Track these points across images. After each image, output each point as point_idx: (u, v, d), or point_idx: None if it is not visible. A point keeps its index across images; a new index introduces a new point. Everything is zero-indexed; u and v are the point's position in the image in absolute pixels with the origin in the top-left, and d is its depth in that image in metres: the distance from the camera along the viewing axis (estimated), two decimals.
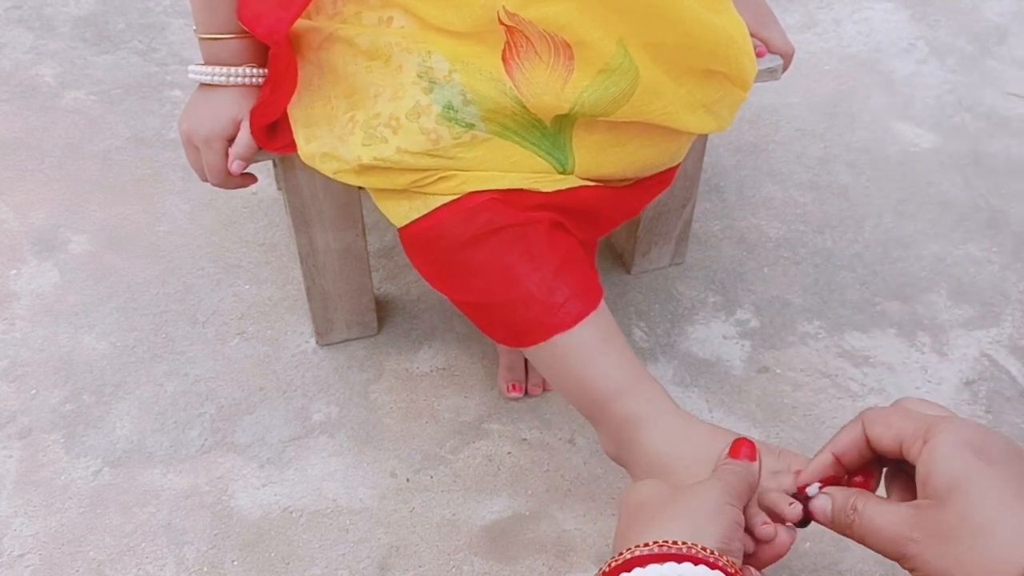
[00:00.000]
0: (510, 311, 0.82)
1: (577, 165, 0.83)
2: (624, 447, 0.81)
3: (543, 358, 0.84)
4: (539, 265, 0.81)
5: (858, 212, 1.28)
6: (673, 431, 0.79)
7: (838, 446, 0.62)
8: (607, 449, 0.84)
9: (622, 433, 0.81)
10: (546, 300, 0.81)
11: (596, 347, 0.81)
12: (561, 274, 0.82)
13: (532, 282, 0.81)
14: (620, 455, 0.83)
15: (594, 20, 0.75)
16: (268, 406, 1.04)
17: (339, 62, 0.83)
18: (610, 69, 0.77)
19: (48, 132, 1.38)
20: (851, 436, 0.62)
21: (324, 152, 0.84)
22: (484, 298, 0.83)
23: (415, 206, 0.84)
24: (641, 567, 0.58)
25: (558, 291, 0.81)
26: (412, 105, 0.79)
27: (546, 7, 0.74)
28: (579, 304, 0.81)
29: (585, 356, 0.81)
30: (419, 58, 0.79)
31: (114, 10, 1.63)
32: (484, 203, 0.82)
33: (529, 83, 0.78)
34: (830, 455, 0.63)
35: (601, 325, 0.82)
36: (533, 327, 0.82)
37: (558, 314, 0.81)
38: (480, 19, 0.76)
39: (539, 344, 0.82)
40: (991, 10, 1.67)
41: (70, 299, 1.15)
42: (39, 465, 0.98)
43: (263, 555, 0.91)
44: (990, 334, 1.12)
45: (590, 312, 0.82)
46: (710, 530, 0.61)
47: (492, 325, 0.86)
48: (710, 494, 0.64)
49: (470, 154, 0.81)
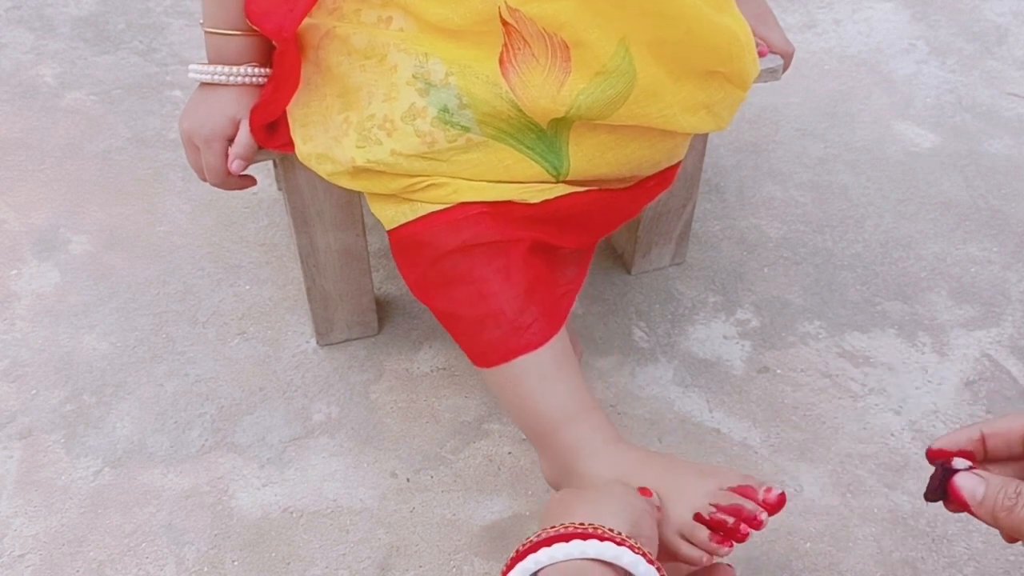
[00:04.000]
0: (479, 326, 0.82)
1: (572, 168, 0.83)
2: (564, 474, 0.82)
3: (499, 380, 0.84)
4: (513, 284, 0.82)
5: (858, 212, 1.28)
6: (609, 460, 0.79)
7: (991, 427, 0.59)
8: (546, 473, 0.85)
9: (563, 460, 0.81)
10: (514, 320, 0.81)
11: (552, 372, 0.82)
12: (532, 295, 0.82)
13: (504, 299, 0.81)
14: (560, 482, 0.83)
15: (595, 19, 0.75)
16: (268, 406, 1.04)
17: (333, 60, 0.83)
18: (607, 71, 0.77)
19: (48, 132, 1.39)
20: (1012, 424, 0.58)
21: (320, 153, 0.84)
22: (457, 308, 0.84)
23: (403, 211, 0.84)
24: (547, 547, 0.61)
25: (527, 312, 0.82)
26: (407, 107, 0.79)
27: (548, 4, 0.74)
28: (545, 325, 0.82)
29: (541, 380, 0.82)
30: (415, 60, 0.79)
31: (114, 10, 1.63)
32: (472, 216, 0.82)
33: (525, 86, 0.78)
34: (979, 431, 0.59)
35: (559, 349, 0.83)
36: (498, 346, 0.82)
37: (524, 336, 0.81)
38: (480, 15, 0.76)
39: (500, 365, 0.83)
40: (991, 10, 1.67)
41: (70, 299, 1.15)
42: (40, 465, 0.98)
43: (263, 555, 0.91)
44: (990, 334, 1.12)
45: (553, 336, 0.82)
46: (616, 514, 0.63)
47: (461, 338, 0.86)
48: (615, 487, 0.68)
49: (464, 157, 0.81)
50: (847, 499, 0.95)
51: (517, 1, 0.74)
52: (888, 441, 1.01)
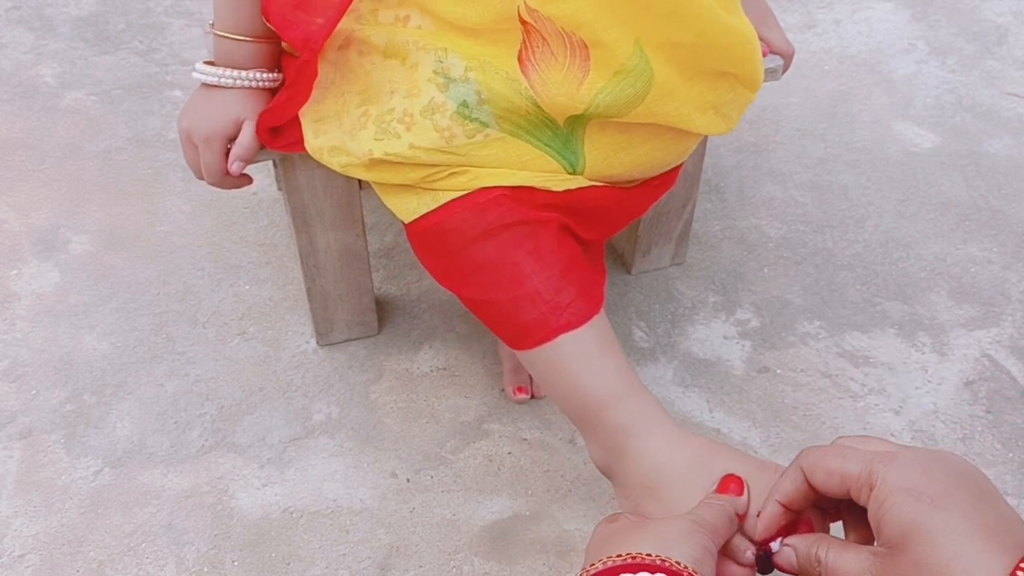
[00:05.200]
0: (515, 309, 0.81)
1: (588, 166, 0.83)
2: (615, 455, 0.80)
3: (541, 361, 0.82)
4: (547, 264, 0.81)
5: (858, 212, 1.28)
6: (667, 442, 0.77)
7: (783, 496, 0.63)
8: (595, 457, 0.83)
9: (614, 441, 0.79)
10: (552, 300, 0.80)
11: (596, 351, 0.80)
12: (568, 275, 0.81)
13: (539, 280, 0.80)
14: (609, 464, 0.82)
15: (612, 19, 0.75)
16: (268, 406, 1.04)
17: (355, 61, 0.82)
18: (625, 71, 0.77)
19: (48, 132, 1.39)
20: (794, 484, 0.62)
21: (333, 146, 0.84)
22: (490, 295, 0.83)
23: (424, 201, 0.83)
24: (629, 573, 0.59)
25: (564, 291, 0.80)
26: (427, 102, 0.79)
27: (566, 4, 0.74)
28: (584, 305, 0.81)
29: (586, 360, 0.80)
30: (435, 56, 0.79)
31: (114, 10, 1.63)
32: (495, 199, 0.81)
33: (544, 83, 0.78)
34: (778, 507, 0.63)
35: (602, 329, 0.82)
36: (537, 327, 0.81)
37: (564, 315, 0.80)
38: (498, 15, 0.76)
39: (542, 345, 0.82)
40: (991, 10, 1.67)
41: (71, 299, 1.15)
42: (40, 465, 0.98)
43: (263, 555, 0.91)
44: (990, 334, 1.12)
45: (594, 315, 0.81)
46: (681, 549, 0.61)
47: (496, 323, 0.85)
48: (681, 521, 0.65)
49: (482, 152, 0.81)
50: None
51: (536, 1, 0.74)
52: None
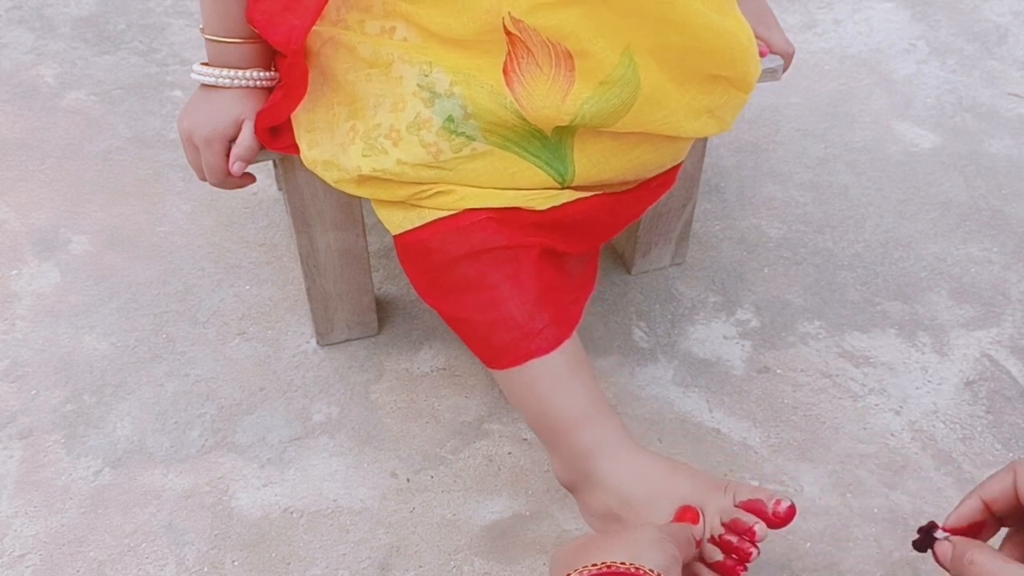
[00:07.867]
0: (490, 331, 0.83)
1: (578, 174, 0.83)
2: (580, 476, 0.82)
3: (512, 381, 0.84)
4: (524, 290, 0.82)
5: (858, 212, 1.28)
6: (632, 465, 0.80)
7: (988, 494, 0.63)
8: (559, 475, 0.85)
9: (580, 462, 0.82)
10: (526, 325, 0.82)
11: (566, 375, 0.82)
12: (542, 300, 0.83)
13: (514, 304, 0.82)
14: (574, 482, 0.84)
15: (599, 28, 0.75)
16: (269, 406, 1.04)
17: (340, 68, 0.82)
18: (611, 81, 0.77)
19: (49, 132, 1.39)
20: (1001, 486, 0.62)
21: (326, 160, 0.85)
22: (468, 314, 0.84)
23: (410, 217, 0.84)
24: None
25: (538, 317, 0.82)
26: (413, 117, 0.79)
27: (551, 14, 0.74)
28: (556, 332, 0.82)
29: (554, 383, 0.82)
30: (419, 70, 0.79)
31: (115, 10, 1.63)
32: (480, 222, 0.82)
33: (529, 96, 0.78)
34: (979, 502, 0.63)
35: (573, 353, 0.84)
36: (510, 350, 0.83)
37: (536, 340, 0.82)
38: (483, 25, 0.76)
39: (513, 367, 0.83)
40: (991, 10, 1.67)
41: (71, 299, 1.15)
42: (40, 465, 0.98)
43: (263, 555, 0.91)
44: (990, 334, 1.12)
45: (565, 339, 0.83)
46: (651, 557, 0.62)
47: (471, 341, 0.87)
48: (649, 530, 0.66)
49: (470, 166, 0.81)
50: (847, 499, 0.95)
51: (521, 12, 0.74)
52: (888, 441, 1.01)
